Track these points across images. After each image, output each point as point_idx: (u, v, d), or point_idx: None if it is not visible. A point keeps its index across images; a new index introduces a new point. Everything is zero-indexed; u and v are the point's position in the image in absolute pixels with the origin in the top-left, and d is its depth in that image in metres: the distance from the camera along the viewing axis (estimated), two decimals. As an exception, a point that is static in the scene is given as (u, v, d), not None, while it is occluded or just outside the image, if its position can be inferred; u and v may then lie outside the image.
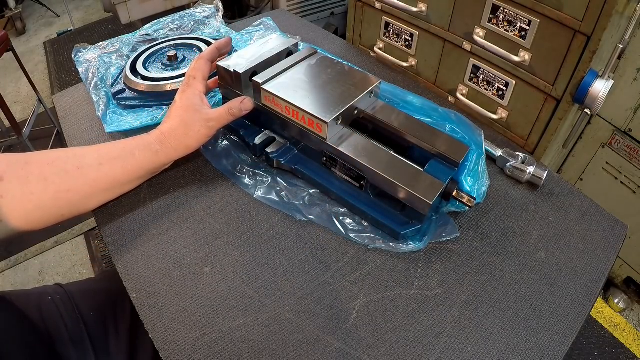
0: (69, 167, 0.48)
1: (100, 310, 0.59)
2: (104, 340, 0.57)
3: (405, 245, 0.52)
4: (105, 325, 0.58)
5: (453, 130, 0.59)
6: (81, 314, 0.57)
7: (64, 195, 0.48)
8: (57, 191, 0.47)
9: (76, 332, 0.56)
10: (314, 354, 0.43)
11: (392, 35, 1.09)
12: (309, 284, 0.49)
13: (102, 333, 0.57)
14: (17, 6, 2.97)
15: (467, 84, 0.98)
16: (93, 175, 0.50)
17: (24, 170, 0.46)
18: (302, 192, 0.58)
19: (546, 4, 0.77)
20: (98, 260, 1.54)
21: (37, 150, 1.74)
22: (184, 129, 0.54)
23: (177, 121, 0.54)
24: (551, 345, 0.45)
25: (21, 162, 0.47)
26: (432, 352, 0.44)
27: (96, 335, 0.57)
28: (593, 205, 0.60)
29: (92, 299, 0.60)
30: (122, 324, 0.58)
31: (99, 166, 0.50)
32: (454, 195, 0.52)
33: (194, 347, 0.43)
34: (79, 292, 0.61)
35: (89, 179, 0.50)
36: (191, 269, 0.50)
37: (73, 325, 0.56)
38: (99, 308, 0.59)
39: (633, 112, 1.10)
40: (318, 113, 0.52)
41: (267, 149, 0.60)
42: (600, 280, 0.51)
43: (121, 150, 0.52)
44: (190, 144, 0.55)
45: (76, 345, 0.55)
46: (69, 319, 0.56)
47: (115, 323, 0.58)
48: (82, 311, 0.58)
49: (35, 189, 0.46)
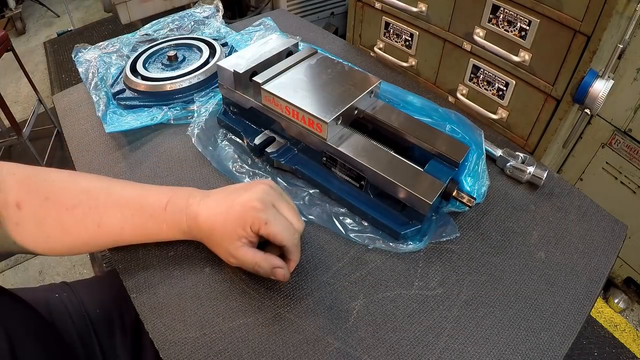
0: (88, 222, 0.45)
1: (105, 307, 0.59)
2: (110, 338, 0.57)
3: (405, 245, 0.52)
4: (111, 323, 0.58)
5: (453, 130, 0.59)
6: (87, 311, 0.58)
7: (81, 246, 0.46)
8: (74, 243, 0.45)
9: (83, 329, 0.56)
10: (314, 354, 0.43)
11: (392, 35, 1.09)
12: (309, 284, 0.49)
13: (107, 330, 0.57)
14: (17, 6, 2.97)
15: (467, 84, 0.98)
16: (114, 236, 0.46)
17: (42, 208, 0.43)
18: (302, 192, 0.58)
19: (546, 4, 0.77)
20: (98, 260, 1.54)
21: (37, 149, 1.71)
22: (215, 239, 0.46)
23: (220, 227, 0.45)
24: (551, 345, 0.45)
25: (41, 195, 0.43)
26: (432, 352, 0.44)
27: (102, 332, 0.57)
28: (593, 205, 0.60)
29: (98, 296, 0.61)
30: (127, 322, 0.58)
31: (121, 230, 0.46)
32: (454, 195, 0.52)
33: (194, 347, 0.43)
34: (85, 289, 0.61)
35: (109, 240, 0.47)
36: (191, 269, 0.50)
37: (80, 322, 0.56)
38: (104, 306, 0.59)
39: (633, 112, 1.10)
40: (318, 113, 0.52)
41: (267, 149, 0.60)
42: (600, 280, 0.51)
43: (148, 218, 0.46)
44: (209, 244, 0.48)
45: (84, 342, 0.55)
46: (77, 317, 0.56)
47: (120, 320, 0.58)
48: (88, 309, 0.58)
49: (51, 234, 0.44)
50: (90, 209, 0.44)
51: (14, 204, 0.43)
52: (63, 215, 0.44)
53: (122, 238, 0.47)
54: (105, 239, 0.47)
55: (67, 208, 0.44)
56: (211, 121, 0.67)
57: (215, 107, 0.68)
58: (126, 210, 0.46)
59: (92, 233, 0.45)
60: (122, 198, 0.46)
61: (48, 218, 0.43)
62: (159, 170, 0.61)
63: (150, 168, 0.62)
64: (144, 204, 0.46)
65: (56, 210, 0.43)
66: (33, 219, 0.43)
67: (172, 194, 0.47)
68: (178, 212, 0.46)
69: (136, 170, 0.61)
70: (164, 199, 0.47)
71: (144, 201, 0.46)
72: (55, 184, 0.45)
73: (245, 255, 0.44)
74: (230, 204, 0.45)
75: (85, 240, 0.45)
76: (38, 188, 0.44)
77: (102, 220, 0.45)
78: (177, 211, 0.46)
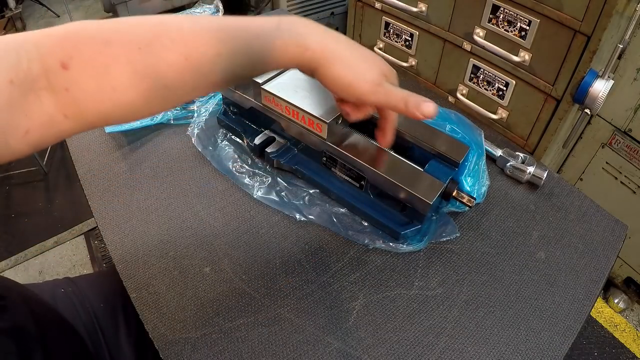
0: (171, 56, 0.33)
1: (109, 302, 0.59)
2: (114, 332, 0.57)
3: (405, 245, 0.52)
4: (115, 317, 0.58)
5: (453, 130, 0.59)
6: (91, 305, 0.58)
7: (161, 91, 0.34)
8: (152, 87, 0.33)
9: (89, 323, 0.56)
10: (314, 354, 0.43)
11: (392, 35, 1.09)
12: (309, 284, 0.49)
13: (112, 324, 0.57)
14: (17, 6, 2.96)
15: (467, 84, 0.98)
16: (207, 69, 0.35)
17: (102, 54, 0.32)
18: (302, 192, 0.58)
19: (546, 4, 0.77)
20: (98, 260, 1.54)
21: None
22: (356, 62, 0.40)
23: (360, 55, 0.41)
24: (551, 345, 0.45)
25: (98, 42, 0.32)
26: (432, 352, 0.44)
27: (106, 326, 0.57)
28: (593, 205, 0.60)
29: (101, 291, 0.61)
30: (131, 316, 0.58)
31: (217, 58, 0.35)
32: (454, 195, 0.52)
33: (194, 347, 0.43)
34: (89, 284, 0.61)
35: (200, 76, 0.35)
36: (191, 269, 0.50)
37: (86, 317, 0.56)
38: (108, 300, 0.59)
39: (633, 112, 1.10)
40: (318, 113, 0.52)
41: (267, 149, 0.60)
42: (600, 280, 0.51)
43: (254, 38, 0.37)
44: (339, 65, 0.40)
45: (90, 336, 0.55)
46: (83, 311, 0.56)
47: (124, 315, 0.58)
48: (93, 303, 0.58)
49: (119, 85, 0.32)
50: (172, 41, 0.34)
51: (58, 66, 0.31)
52: (136, 56, 0.33)
53: (215, 70, 0.36)
54: (193, 75, 0.35)
55: (140, 47, 0.33)
56: (211, 121, 0.67)
57: (215, 107, 0.68)
58: (223, 33, 0.36)
59: (176, 69, 0.34)
60: (213, 22, 0.36)
61: (114, 64, 0.32)
62: (159, 170, 0.61)
63: (150, 168, 0.62)
64: (250, 23, 0.37)
65: (125, 51, 0.32)
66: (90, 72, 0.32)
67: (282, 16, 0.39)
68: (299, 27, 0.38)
69: (136, 170, 0.61)
70: (273, 18, 0.38)
71: (249, 21, 0.37)
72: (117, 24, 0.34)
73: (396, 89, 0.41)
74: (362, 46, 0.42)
75: (166, 82, 0.34)
76: (93, 36, 0.33)
77: (190, 49, 0.34)
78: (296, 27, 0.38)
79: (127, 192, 0.58)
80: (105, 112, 0.33)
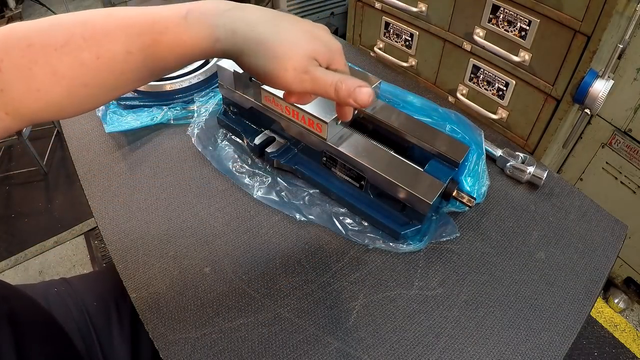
0: (84, 56, 0.34)
1: (103, 300, 0.59)
2: (108, 330, 0.57)
3: (405, 245, 0.52)
4: (109, 315, 0.58)
5: (453, 130, 0.59)
6: (85, 305, 0.58)
7: (81, 90, 0.35)
8: (71, 86, 0.35)
9: (82, 322, 0.56)
10: (314, 354, 0.43)
11: (392, 35, 1.09)
12: (309, 284, 0.49)
13: (105, 323, 0.57)
14: (17, 6, 2.96)
15: (467, 84, 0.98)
16: (119, 68, 0.35)
17: (25, 56, 0.33)
18: (302, 192, 0.58)
19: (546, 4, 0.77)
20: (98, 260, 1.54)
21: (37, 149, 1.70)
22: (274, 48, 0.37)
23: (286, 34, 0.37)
24: (551, 345, 0.45)
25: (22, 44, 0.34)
26: (432, 352, 0.44)
27: (100, 325, 0.57)
28: (593, 205, 0.60)
29: (95, 289, 0.61)
30: (124, 314, 0.58)
31: (127, 56, 0.35)
32: (454, 195, 0.52)
33: (194, 347, 0.43)
34: (82, 283, 0.61)
35: (113, 74, 0.36)
36: (191, 269, 0.50)
37: (79, 316, 0.56)
38: (101, 299, 0.59)
39: (633, 112, 1.10)
40: (318, 113, 0.52)
41: (267, 149, 0.60)
42: (600, 280, 0.51)
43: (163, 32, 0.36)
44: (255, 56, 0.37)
45: (83, 336, 0.55)
46: (76, 310, 0.57)
47: (117, 313, 0.58)
48: (86, 302, 0.58)
49: (42, 86, 0.34)
50: (85, 40, 0.34)
51: None
52: (53, 57, 0.34)
53: (129, 68, 0.36)
54: (108, 74, 0.35)
55: (56, 48, 0.34)
56: (211, 121, 0.67)
57: (215, 107, 0.68)
58: (131, 29, 0.35)
59: (90, 68, 0.34)
60: (125, 18, 0.36)
61: (35, 67, 0.34)
62: (159, 170, 0.61)
63: (150, 168, 0.62)
64: (156, 17, 0.36)
65: (44, 53, 0.34)
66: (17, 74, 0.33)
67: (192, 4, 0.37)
68: (208, 16, 0.36)
69: (136, 170, 0.61)
70: (182, 8, 0.37)
71: (156, 15, 0.36)
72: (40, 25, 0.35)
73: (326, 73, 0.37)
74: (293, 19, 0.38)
75: (84, 81, 0.35)
76: (19, 38, 0.34)
77: (101, 48, 0.34)
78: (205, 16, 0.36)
79: (127, 192, 0.58)
80: (38, 110, 0.35)
